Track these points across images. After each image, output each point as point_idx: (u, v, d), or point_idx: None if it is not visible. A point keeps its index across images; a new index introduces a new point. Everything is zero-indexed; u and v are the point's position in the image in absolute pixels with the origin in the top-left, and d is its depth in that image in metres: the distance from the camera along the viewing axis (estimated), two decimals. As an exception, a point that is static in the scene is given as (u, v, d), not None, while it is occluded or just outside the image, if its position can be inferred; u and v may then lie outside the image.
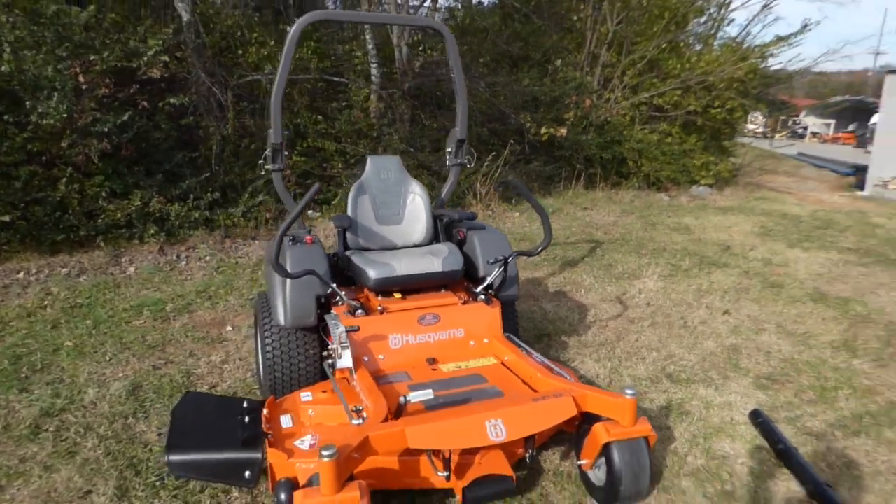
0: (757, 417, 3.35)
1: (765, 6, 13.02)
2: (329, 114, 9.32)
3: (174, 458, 2.46)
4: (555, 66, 11.68)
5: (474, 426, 2.38)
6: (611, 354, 4.29)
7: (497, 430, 2.39)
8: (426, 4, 12.31)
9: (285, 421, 2.80)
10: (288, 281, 3.05)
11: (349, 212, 3.61)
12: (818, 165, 20.54)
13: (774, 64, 13.12)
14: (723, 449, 3.14)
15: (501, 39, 11.79)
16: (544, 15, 12.36)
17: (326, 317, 3.06)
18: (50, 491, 2.68)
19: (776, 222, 9.13)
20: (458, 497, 2.49)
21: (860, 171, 16.87)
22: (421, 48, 10.92)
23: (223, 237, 6.82)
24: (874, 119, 29.62)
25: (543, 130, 10.47)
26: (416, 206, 3.74)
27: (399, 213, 3.71)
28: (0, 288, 5.15)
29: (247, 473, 2.51)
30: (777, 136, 30.97)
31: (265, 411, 2.80)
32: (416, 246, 3.68)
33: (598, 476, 2.71)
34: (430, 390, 2.47)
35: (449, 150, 4.21)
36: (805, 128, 35.13)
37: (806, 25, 11.97)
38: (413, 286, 3.31)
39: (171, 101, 7.08)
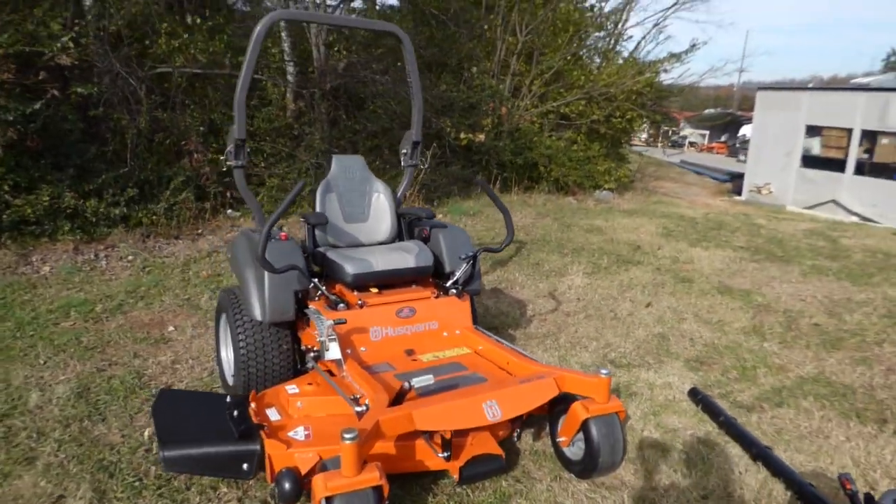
0: (696, 395, 3.73)
1: (655, 25, 14.20)
2: (250, 111, 9.09)
3: (169, 453, 2.38)
4: (470, 73, 12.02)
5: (473, 408, 2.51)
6: (556, 344, 4.56)
7: (493, 410, 2.54)
8: (341, 6, 12.27)
9: (272, 414, 2.78)
10: (267, 276, 3.03)
11: (318, 209, 3.62)
12: (699, 172, 22.44)
13: (668, 78, 14.32)
14: (672, 423, 3.46)
15: (417, 43, 11.96)
16: (458, 22, 12.69)
17: (308, 311, 3.07)
18: (16, 497, 2.50)
19: (676, 224, 9.96)
20: (455, 476, 2.61)
21: (736, 178, 18.71)
22: (336, 49, 10.87)
23: (144, 236, 6.47)
24: (743, 131, 32.89)
25: (462, 135, 10.76)
26: (381, 205, 3.81)
27: (364, 211, 3.76)
28: None
29: (245, 466, 2.48)
30: (660, 145, 33.52)
31: (252, 405, 2.77)
32: (380, 243, 3.75)
33: (573, 452, 2.92)
34: (431, 376, 2.58)
35: (404, 151, 4.30)
36: (684, 137, 38.20)
37: (694, 45, 13.18)
38: (387, 281, 3.38)
39: (79, 90, 6.65)
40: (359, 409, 2.50)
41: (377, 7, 13.43)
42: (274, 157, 8.97)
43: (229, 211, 8.37)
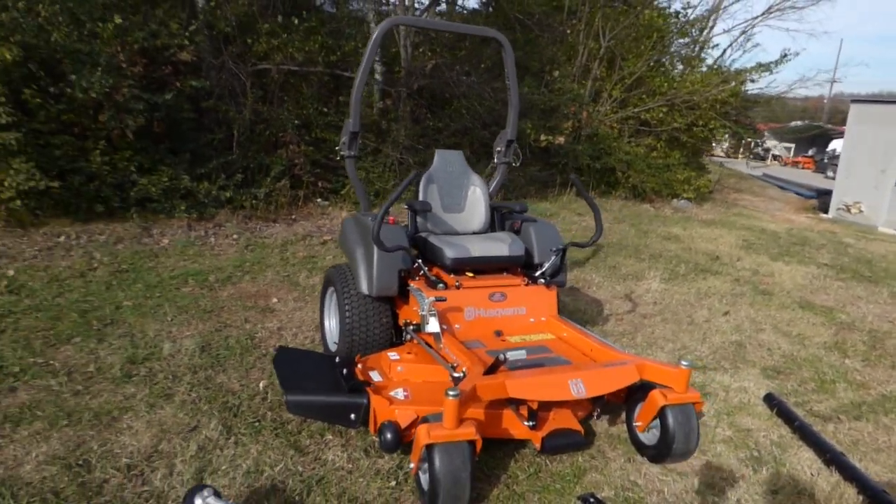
0: (771, 400, 3.81)
1: (743, 33, 13.88)
2: (334, 106, 9.60)
3: (292, 398, 2.75)
4: (552, 77, 12.17)
5: (560, 383, 2.75)
6: (632, 343, 4.72)
7: (578, 388, 2.76)
8: (428, 10, 12.69)
9: (374, 376, 3.12)
10: (376, 254, 3.37)
11: (420, 198, 3.94)
12: (782, 187, 21.61)
13: (754, 88, 13.97)
14: (745, 424, 3.57)
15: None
16: (542, 27, 12.86)
17: (410, 287, 3.39)
18: (161, 424, 2.96)
19: (756, 237, 9.79)
20: (537, 446, 2.86)
21: (822, 195, 17.95)
22: (421, 50, 11.27)
23: (246, 217, 7.04)
24: (832, 145, 31.22)
25: (542, 138, 10.94)
26: (477, 197, 4.10)
27: (461, 202, 4.06)
28: (45, 249, 5.32)
29: (352, 416, 2.82)
30: (740, 157, 32.34)
31: (359, 366, 3.12)
32: (474, 233, 4.04)
33: (648, 437, 3.10)
34: (524, 351, 2.84)
35: (498, 149, 4.57)
36: (767, 150, 36.64)
37: (785, 55, 12.79)
38: (482, 267, 3.66)
39: (193, 83, 7.28)
40: (457, 374, 2.79)
41: (457, 9, 13.79)
42: (361, 152, 9.42)
43: (318, 200, 8.90)
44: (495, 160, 4.61)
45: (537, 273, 3.74)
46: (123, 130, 6.30)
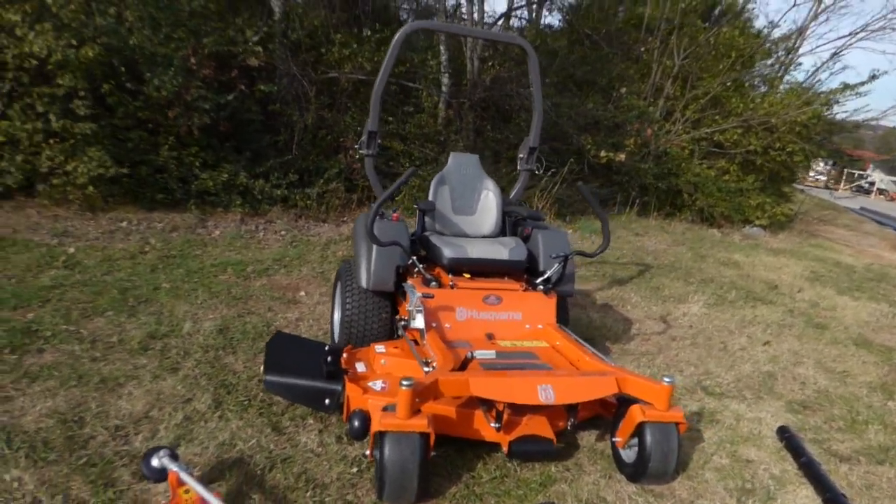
0: (783, 433, 3.59)
1: (834, 54, 13.04)
2: (399, 116, 9.85)
3: (270, 378, 2.90)
4: (619, 94, 11.95)
5: (528, 386, 2.74)
6: (650, 363, 4.57)
7: (547, 393, 2.74)
8: (499, 23, 12.82)
9: (360, 366, 3.22)
10: (374, 249, 3.48)
11: (430, 198, 4.03)
12: (881, 223, 20.03)
13: (840, 112, 13.08)
14: (748, 455, 3.39)
15: (569, 62, 12.13)
16: (612, 43, 12.66)
17: (404, 284, 3.48)
18: (159, 393, 3.19)
19: (828, 269, 9.17)
20: (505, 449, 2.85)
21: (925, 234, 16.50)
22: (490, 63, 11.38)
23: (297, 216, 7.37)
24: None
25: (603, 154, 10.76)
26: (489, 201, 4.14)
27: (473, 205, 4.11)
28: (107, 232, 5.85)
29: (327, 401, 2.93)
30: (840, 188, 30.25)
31: (344, 355, 3.23)
32: (485, 237, 4.07)
33: (628, 455, 3.02)
34: (494, 351, 2.85)
35: (521, 155, 4.59)
36: (871, 183, 34.04)
37: (874, 75, 11.95)
38: (481, 269, 3.69)
39: (262, 87, 7.72)
40: (426, 369, 2.84)
41: (542, 26, 13.79)
42: (420, 160, 9.62)
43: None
44: (518, 167, 4.63)
45: (539, 280, 3.72)
46: (190, 128, 6.77)
